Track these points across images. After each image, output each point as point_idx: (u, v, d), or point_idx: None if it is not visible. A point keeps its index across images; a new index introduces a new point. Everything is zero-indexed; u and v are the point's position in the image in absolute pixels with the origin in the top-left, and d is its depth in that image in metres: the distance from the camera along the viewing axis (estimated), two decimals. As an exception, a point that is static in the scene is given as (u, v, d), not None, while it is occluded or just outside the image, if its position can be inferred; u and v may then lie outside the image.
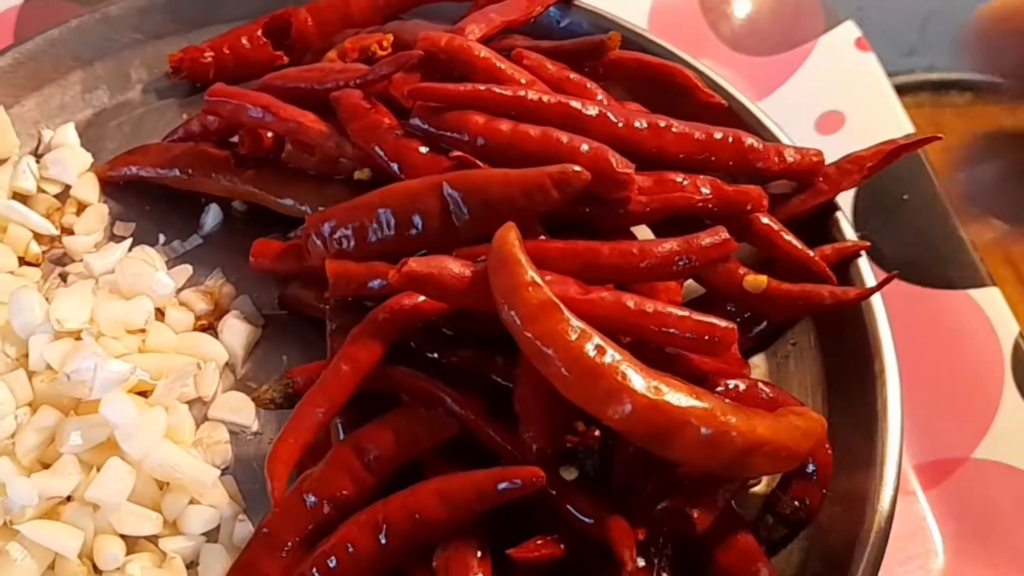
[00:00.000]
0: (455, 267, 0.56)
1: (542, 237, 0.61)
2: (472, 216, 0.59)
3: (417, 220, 0.60)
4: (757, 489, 0.61)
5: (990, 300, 0.75)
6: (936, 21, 1.05)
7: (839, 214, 0.69)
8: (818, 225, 0.69)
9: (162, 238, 0.75)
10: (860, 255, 0.67)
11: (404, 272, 0.55)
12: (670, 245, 0.58)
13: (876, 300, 0.64)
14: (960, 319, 0.74)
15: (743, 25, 0.97)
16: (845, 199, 0.81)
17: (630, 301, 0.56)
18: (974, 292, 0.75)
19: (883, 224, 0.81)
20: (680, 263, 0.58)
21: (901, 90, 0.91)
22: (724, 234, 0.58)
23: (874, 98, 0.89)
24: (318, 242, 0.63)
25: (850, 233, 0.68)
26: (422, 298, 0.59)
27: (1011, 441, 0.69)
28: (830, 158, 0.69)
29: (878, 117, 0.88)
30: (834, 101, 0.89)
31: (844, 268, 0.67)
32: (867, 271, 0.66)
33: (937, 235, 0.79)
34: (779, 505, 0.59)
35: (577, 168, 0.58)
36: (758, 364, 0.68)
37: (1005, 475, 0.68)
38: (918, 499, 0.68)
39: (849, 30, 0.95)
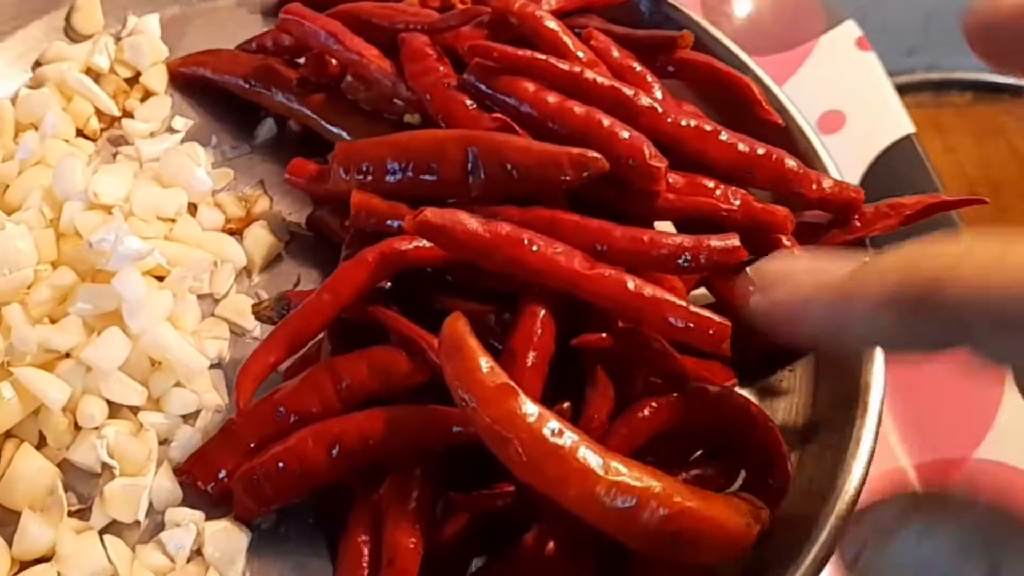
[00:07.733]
0: (470, 223, 0.57)
1: (562, 210, 0.62)
2: (487, 176, 0.61)
3: (435, 167, 0.62)
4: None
5: (990, 299, 0.74)
6: (937, 21, 1.04)
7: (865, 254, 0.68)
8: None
9: (214, 140, 0.77)
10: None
11: (419, 220, 0.56)
12: (680, 240, 0.58)
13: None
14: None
15: (743, 25, 0.97)
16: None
17: (631, 282, 0.57)
18: None
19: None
20: (687, 259, 0.58)
21: (902, 90, 0.90)
22: (735, 241, 0.58)
23: (875, 98, 0.89)
24: (340, 170, 0.65)
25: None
26: (413, 245, 0.60)
27: (1012, 441, 0.68)
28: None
29: (879, 117, 0.87)
30: (835, 101, 0.88)
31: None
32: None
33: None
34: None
35: (597, 155, 0.59)
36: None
37: (1006, 475, 0.68)
38: (918, 499, 0.69)
39: (850, 30, 0.94)
